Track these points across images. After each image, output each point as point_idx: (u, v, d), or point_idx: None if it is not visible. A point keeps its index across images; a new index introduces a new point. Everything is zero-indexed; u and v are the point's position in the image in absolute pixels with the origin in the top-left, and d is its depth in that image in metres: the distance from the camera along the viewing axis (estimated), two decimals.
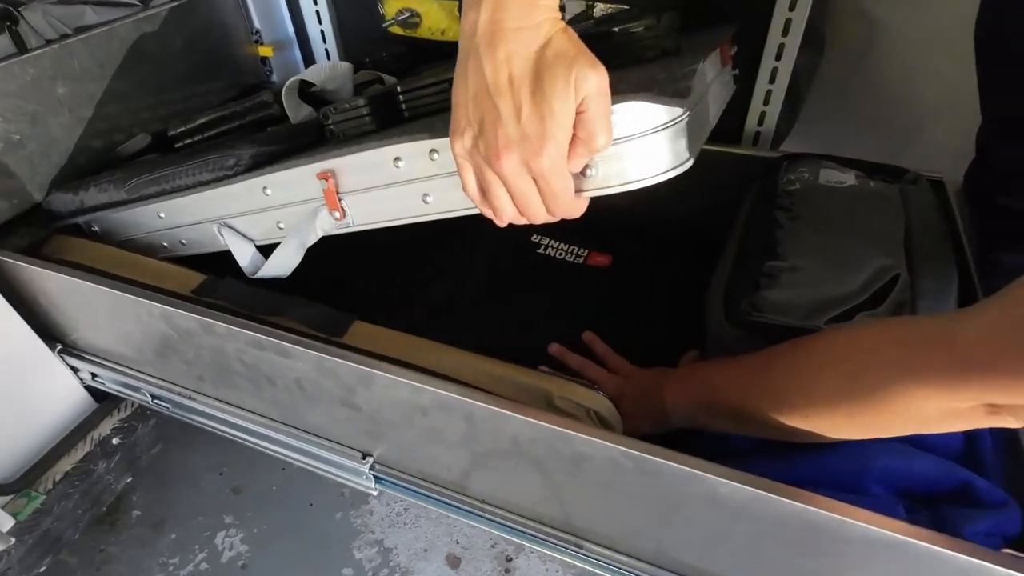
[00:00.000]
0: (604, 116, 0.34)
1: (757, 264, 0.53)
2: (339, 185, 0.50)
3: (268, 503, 1.17)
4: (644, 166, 0.39)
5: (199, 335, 0.56)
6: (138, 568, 1.07)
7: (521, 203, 0.37)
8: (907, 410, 0.34)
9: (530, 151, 0.34)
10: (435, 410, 0.48)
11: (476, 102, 0.34)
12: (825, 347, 0.39)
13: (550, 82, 0.32)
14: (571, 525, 0.52)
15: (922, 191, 0.60)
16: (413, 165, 0.46)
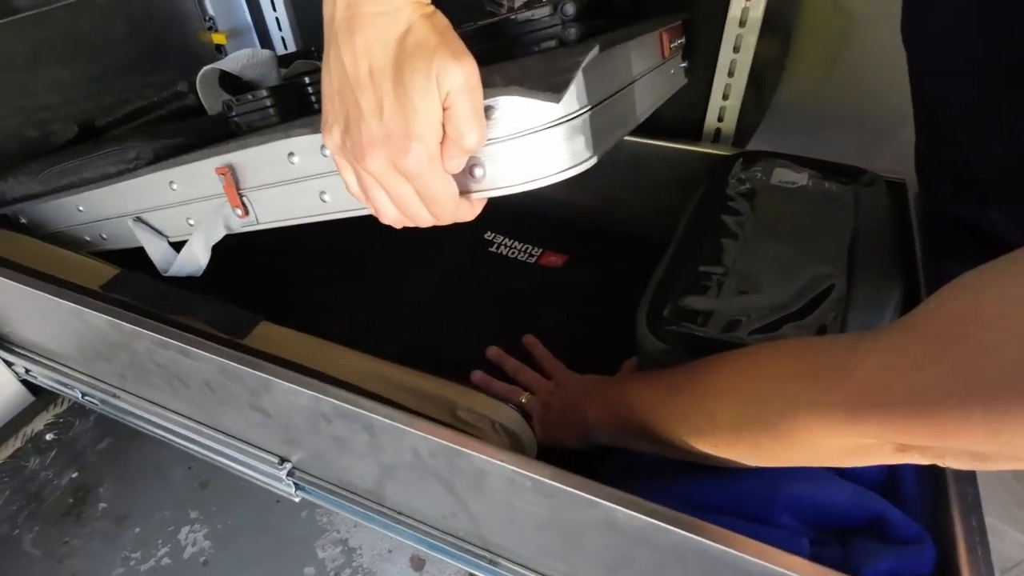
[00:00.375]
0: (472, 113, 0.31)
1: (690, 270, 0.50)
2: (239, 181, 0.48)
3: (235, 499, 1.15)
4: (537, 166, 0.36)
5: (109, 333, 0.54)
6: (100, 561, 1.06)
7: (400, 205, 0.34)
8: (808, 443, 0.31)
9: (395, 150, 0.31)
10: (337, 418, 0.45)
11: (341, 97, 0.32)
12: (728, 370, 0.36)
13: (410, 76, 0.30)
14: (485, 540, 0.50)
15: (877, 193, 0.56)
16: (307, 161, 0.44)
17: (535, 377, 0.58)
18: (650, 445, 0.42)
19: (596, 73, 0.39)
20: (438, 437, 0.40)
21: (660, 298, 0.48)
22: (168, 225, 0.55)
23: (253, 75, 0.59)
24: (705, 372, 0.38)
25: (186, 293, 0.52)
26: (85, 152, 0.55)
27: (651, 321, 0.46)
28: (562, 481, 0.37)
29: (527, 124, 0.35)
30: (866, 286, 0.45)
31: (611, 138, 0.41)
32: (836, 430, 0.29)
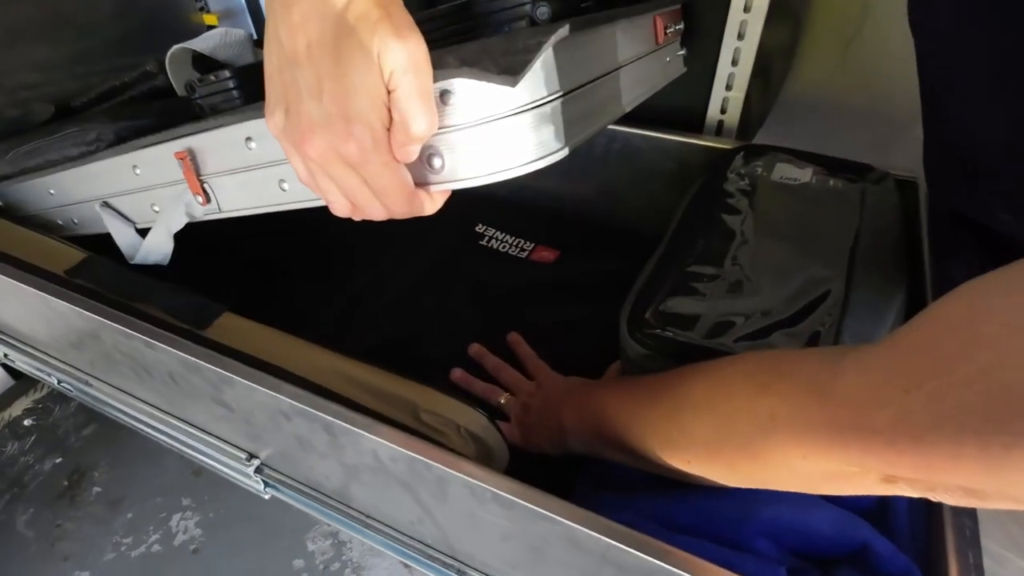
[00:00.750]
0: (418, 95, 0.28)
1: (678, 269, 0.47)
2: (199, 167, 0.45)
3: (227, 488, 1.14)
4: (501, 156, 0.33)
5: (75, 320, 0.52)
6: (91, 546, 1.06)
7: (349, 196, 0.32)
8: (785, 466, 0.28)
9: (336, 136, 0.28)
10: (296, 417, 0.43)
11: (280, 74, 0.29)
12: (705, 381, 0.33)
13: (349, 53, 0.27)
14: (452, 549, 0.47)
15: (885, 192, 0.52)
16: (265, 146, 0.41)
17: (516, 377, 0.55)
18: (624, 457, 0.39)
19: (571, 56, 0.35)
20: (394, 443, 0.38)
21: (643, 300, 0.44)
22: (134, 211, 0.53)
23: (226, 56, 0.57)
24: (682, 382, 0.35)
25: (150, 280, 0.50)
26: (50, 132, 0.53)
27: (632, 324, 0.43)
28: (519, 495, 0.34)
29: (489, 111, 0.31)
30: (865, 291, 0.42)
31: (588, 128, 0.37)
32: (814, 453, 0.26)
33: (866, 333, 0.39)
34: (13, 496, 0.80)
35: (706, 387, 0.33)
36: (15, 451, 0.70)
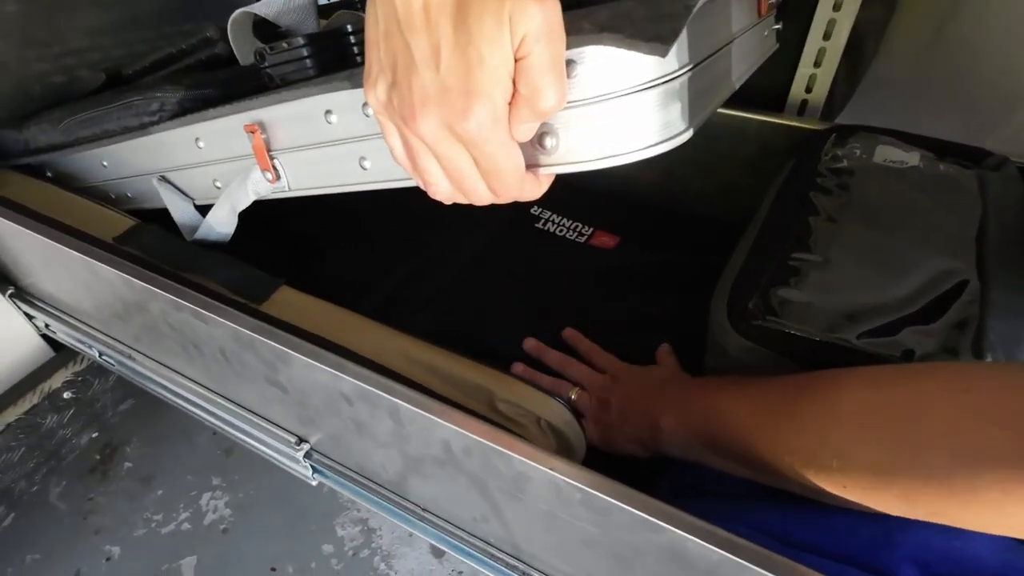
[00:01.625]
0: (552, 65, 0.25)
1: (778, 256, 0.42)
2: (270, 141, 0.42)
3: (257, 468, 1.14)
4: (622, 138, 0.29)
5: (122, 289, 0.49)
6: (122, 521, 1.05)
7: (454, 178, 0.28)
8: (995, 509, 0.23)
9: (453, 111, 0.25)
10: (359, 400, 0.40)
11: (387, 42, 0.26)
12: (871, 394, 0.28)
13: (476, 18, 0.23)
14: (518, 549, 0.44)
15: (1007, 179, 0.47)
16: (347, 121, 0.38)
17: (586, 371, 0.51)
18: (742, 469, 0.35)
19: (698, 25, 0.31)
20: (474, 433, 0.34)
21: (743, 288, 0.40)
22: (193, 186, 0.50)
23: (289, 22, 0.53)
24: (832, 393, 0.30)
25: (203, 251, 0.47)
26: (108, 101, 0.50)
27: (733, 314, 0.38)
28: (620, 497, 0.31)
29: (617, 85, 0.27)
30: (1005, 288, 0.37)
31: (706, 108, 0.33)
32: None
33: (1014, 335, 0.34)
34: (50, 469, 0.79)
35: (875, 401, 0.28)
36: (54, 424, 0.69)
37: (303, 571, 1.00)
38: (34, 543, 1.01)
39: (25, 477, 0.70)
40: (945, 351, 0.34)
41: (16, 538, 1.00)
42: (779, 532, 0.31)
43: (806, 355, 0.36)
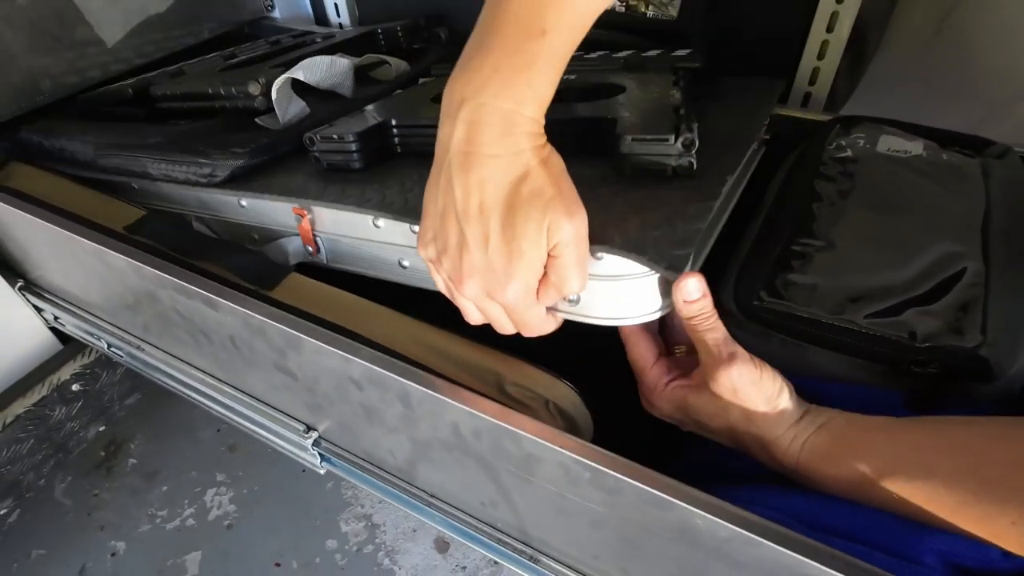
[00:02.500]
0: (576, 264, 0.32)
1: (784, 242, 0.42)
2: (315, 224, 0.46)
3: (261, 464, 1.14)
4: (630, 306, 0.36)
5: (132, 277, 0.50)
6: (127, 516, 1.06)
7: (488, 318, 0.35)
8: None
9: (494, 284, 0.32)
10: (368, 385, 0.40)
11: (443, 220, 0.32)
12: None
13: (522, 223, 0.30)
14: (526, 535, 0.44)
15: (1010, 167, 0.47)
16: (393, 231, 0.42)
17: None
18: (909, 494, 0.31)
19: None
20: (485, 413, 0.34)
21: (750, 273, 0.40)
22: (229, 233, 0.52)
23: (329, 85, 0.56)
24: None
25: (213, 239, 0.48)
26: (150, 147, 0.52)
27: (740, 299, 0.39)
28: (629, 474, 0.31)
29: (631, 270, 0.35)
30: (1009, 272, 0.37)
31: (703, 256, 0.39)
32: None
33: (1017, 315, 0.34)
34: (57, 463, 0.79)
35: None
36: (62, 416, 0.69)
37: (307, 566, 1.00)
38: (39, 538, 1.01)
39: (33, 469, 0.71)
40: (949, 331, 0.34)
41: (22, 533, 1.00)
42: (807, 518, 0.31)
43: (814, 337, 0.36)
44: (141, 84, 0.61)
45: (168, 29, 0.73)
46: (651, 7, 0.62)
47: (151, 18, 0.71)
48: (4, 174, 0.61)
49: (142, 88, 0.60)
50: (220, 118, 0.57)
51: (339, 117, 0.48)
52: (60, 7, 0.63)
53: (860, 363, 0.36)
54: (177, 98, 0.59)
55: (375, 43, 0.70)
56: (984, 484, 0.28)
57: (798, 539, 0.27)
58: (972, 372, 0.33)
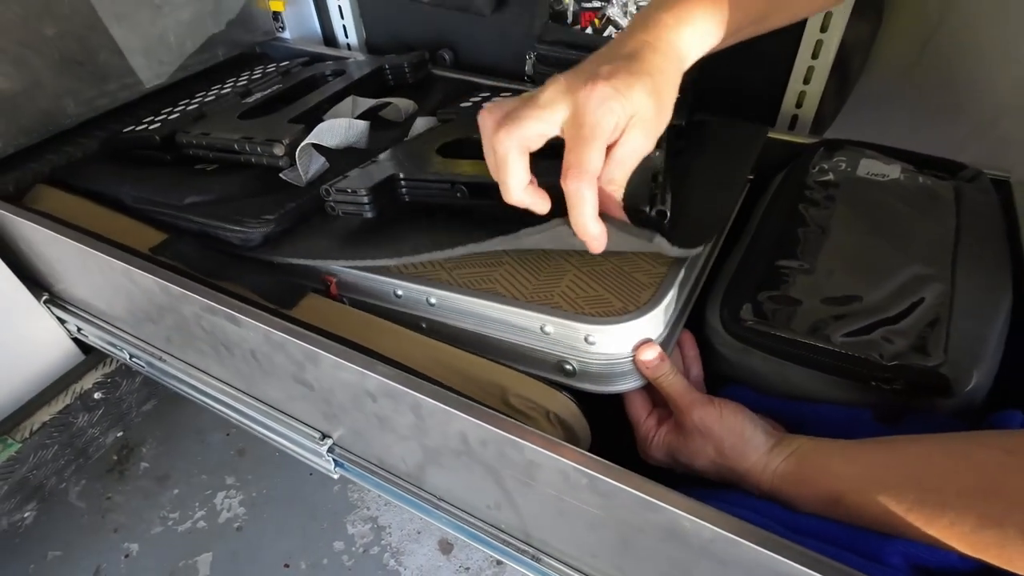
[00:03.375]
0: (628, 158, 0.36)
1: (768, 264, 0.46)
2: (340, 285, 0.51)
3: (269, 468, 1.17)
4: (619, 380, 0.42)
5: (158, 295, 0.53)
6: (139, 519, 1.09)
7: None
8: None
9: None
10: (382, 396, 0.43)
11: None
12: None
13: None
14: (528, 535, 0.47)
15: (981, 191, 0.51)
16: (411, 299, 0.47)
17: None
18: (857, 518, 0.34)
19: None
20: (490, 424, 0.37)
21: (734, 293, 0.44)
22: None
23: (347, 144, 0.61)
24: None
25: (234, 260, 0.51)
26: (182, 210, 0.56)
27: (725, 317, 0.42)
28: (623, 480, 0.34)
29: (618, 352, 0.41)
30: (973, 292, 0.40)
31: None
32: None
33: (976, 335, 0.38)
34: (77, 467, 0.83)
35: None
36: (84, 423, 0.73)
37: (315, 567, 1.03)
38: (55, 540, 1.04)
39: (56, 474, 0.74)
40: (914, 350, 0.37)
41: (38, 535, 1.03)
42: (787, 522, 0.34)
43: (790, 355, 0.40)
44: (167, 131, 0.65)
45: (186, 54, 0.77)
46: None
47: (169, 43, 0.74)
48: (32, 196, 0.64)
49: (168, 135, 0.65)
50: (247, 172, 0.61)
51: (355, 167, 0.53)
52: (85, 35, 0.66)
53: (833, 379, 0.39)
54: (204, 147, 0.63)
55: (383, 79, 0.75)
56: (925, 492, 0.31)
57: (773, 539, 0.31)
58: (934, 388, 0.36)
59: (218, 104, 0.71)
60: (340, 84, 0.70)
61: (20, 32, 0.61)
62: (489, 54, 0.80)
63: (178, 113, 0.69)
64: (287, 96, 0.70)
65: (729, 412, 0.38)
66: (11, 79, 0.61)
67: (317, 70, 0.77)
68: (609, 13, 0.66)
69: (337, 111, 0.65)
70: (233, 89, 0.73)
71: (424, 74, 0.77)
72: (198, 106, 0.70)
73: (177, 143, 0.64)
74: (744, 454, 0.38)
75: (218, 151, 0.62)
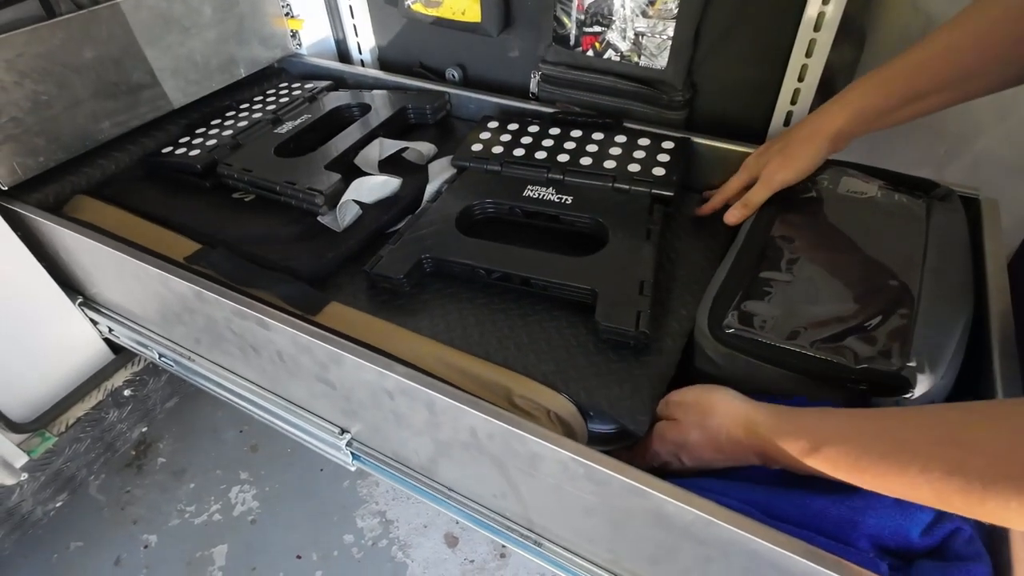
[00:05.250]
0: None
1: (753, 275, 0.50)
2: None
3: (281, 464, 1.21)
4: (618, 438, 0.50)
5: (192, 300, 0.58)
6: (157, 511, 1.13)
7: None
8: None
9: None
10: (399, 395, 0.48)
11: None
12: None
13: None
14: (531, 522, 0.51)
15: (950, 208, 0.55)
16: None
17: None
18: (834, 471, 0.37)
19: None
20: (498, 419, 0.42)
21: (721, 302, 0.48)
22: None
23: (380, 198, 0.67)
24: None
25: (263, 271, 0.55)
26: (235, 264, 0.60)
27: (713, 324, 0.46)
28: (615, 469, 0.39)
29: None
30: (936, 304, 0.45)
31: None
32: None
33: (936, 344, 0.42)
34: (106, 460, 0.87)
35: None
36: (115, 419, 0.77)
37: (327, 559, 1.07)
38: (77, 531, 1.09)
39: (86, 466, 0.78)
40: (879, 355, 0.42)
41: (61, 526, 1.08)
42: (764, 506, 0.39)
43: (770, 359, 0.44)
44: (207, 160, 0.71)
45: (210, 72, 0.82)
46: (642, 57, 0.69)
47: (196, 63, 0.79)
48: (71, 205, 0.69)
49: (209, 164, 0.71)
50: (286, 211, 0.67)
51: (383, 216, 0.61)
52: (120, 57, 0.71)
53: (807, 380, 0.44)
54: (245, 183, 0.70)
55: (405, 118, 0.81)
56: (898, 442, 0.34)
57: (747, 521, 0.35)
58: (896, 389, 0.41)
59: (252, 132, 0.76)
60: (367, 126, 0.76)
61: (63, 55, 0.65)
62: (496, 72, 0.85)
63: (213, 136, 0.74)
64: (316, 127, 0.76)
65: (700, 387, 0.45)
66: (54, 99, 0.66)
67: (342, 101, 0.83)
68: (609, 37, 0.70)
69: (367, 154, 0.71)
70: (263, 115, 0.78)
71: (443, 115, 0.83)
72: (231, 132, 0.75)
73: (218, 173, 0.70)
74: (727, 412, 0.42)
75: (259, 188, 0.69)
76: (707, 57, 0.69)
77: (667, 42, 0.67)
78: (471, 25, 0.78)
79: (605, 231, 0.59)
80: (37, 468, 0.70)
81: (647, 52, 0.69)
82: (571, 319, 0.55)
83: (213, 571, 1.05)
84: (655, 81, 0.70)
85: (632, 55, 0.70)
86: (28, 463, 0.68)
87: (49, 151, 0.67)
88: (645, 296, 0.52)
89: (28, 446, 0.68)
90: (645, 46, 0.68)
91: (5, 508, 0.71)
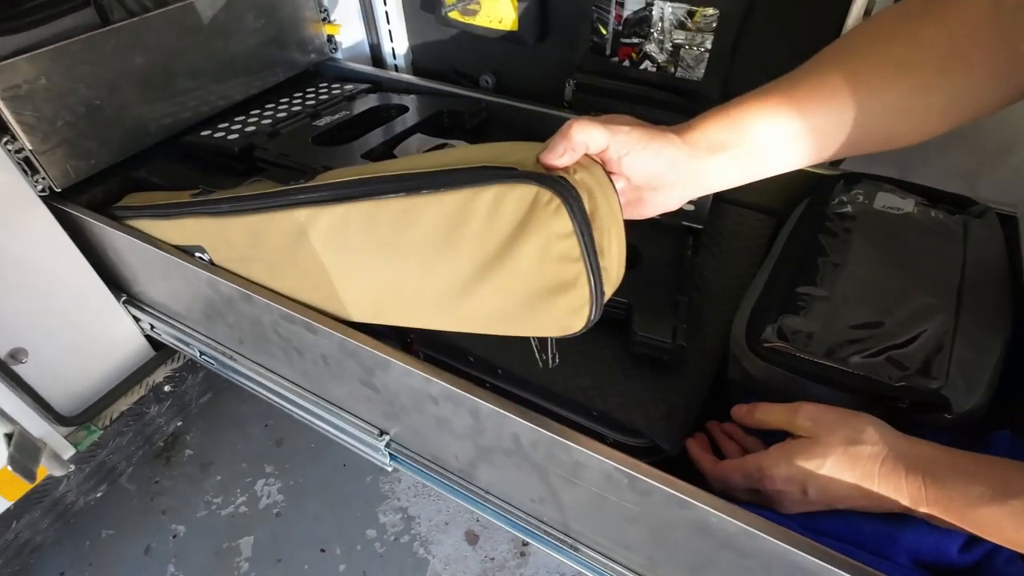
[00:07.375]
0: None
1: (789, 289, 0.51)
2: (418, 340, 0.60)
3: (306, 458, 1.24)
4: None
5: (239, 303, 0.59)
6: (186, 503, 1.16)
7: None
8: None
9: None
10: (444, 400, 0.49)
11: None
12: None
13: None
14: (568, 527, 0.53)
15: (988, 226, 0.55)
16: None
17: None
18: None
19: None
20: (543, 428, 0.43)
21: (759, 317, 0.49)
22: None
23: None
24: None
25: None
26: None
27: (751, 339, 0.47)
28: (660, 481, 0.40)
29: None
30: (975, 323, 0.45)
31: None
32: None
33: (975, 364, 0.43)
34: (144, 452, 0.90)
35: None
36: (155, 413, 0.80)
37: (350, 553, 1.10)
38: (108, 520, 1.12)
39: (126, 459, 0.81)
40: (919, 373, 0.42)
41: (93, 515, 1.11)
42: (804, 521, 0.40)
43: (809, 374, 0.45)
44: (245, 143, 0.72)
45: (251, 75, 0.83)
46: (679, 68, 0.70)
47: (236, 68, 0.81)
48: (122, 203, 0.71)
49: (246, 147, 0.72)
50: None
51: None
52: (166, 63, 0.73)
53: (846, 396, 0.45)
54: (281, 166, 0.70)
55: (441, 122, 0.82)
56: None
57: (789, 534, 0.36)
58: (935, 407, 0.41)
59: (291, 123, 0.77)
60: (404, 124, 0.77)
61: (115, 61, 0.67)
62: (530, 80, 0.86)
63: (252, 125, 0.76)
64: (354, 123, 0.76)
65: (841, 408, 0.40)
66: (105, 103, 0.68)
67: (380, 101, 0.84)
68: (646, 48, 0.71)
69: (406, 147, 0.72)
70: (303, 108, 0.80)
71: (479, 120, 0.84)
72: (271, 121, 0.76)
73: (255, 157, 0.70)
74: (884, 440, 0.38)
75: (293, 169, 0.69)
76: (745, 69, 0.69)
77: (705, 54, 0.68)
78: (508, 34, 0.79)
79: (638, 251, 0.60)
80: (83, 460, 0.72)
81: (684, 63, 0.69)
82: (607, 333, 0.56)
83: (240, 562, 1.08)
84: (691, 92, 0.71)
85: (669, 66, 0.70)
86: (75, 455, 0.70)
87: (100, 154, 0.70)
88: (681, 311, 0.53)
89: (75, 439, 0.71)
90: (683, 57, 0.69)
91: (52, 498, 0.74)
